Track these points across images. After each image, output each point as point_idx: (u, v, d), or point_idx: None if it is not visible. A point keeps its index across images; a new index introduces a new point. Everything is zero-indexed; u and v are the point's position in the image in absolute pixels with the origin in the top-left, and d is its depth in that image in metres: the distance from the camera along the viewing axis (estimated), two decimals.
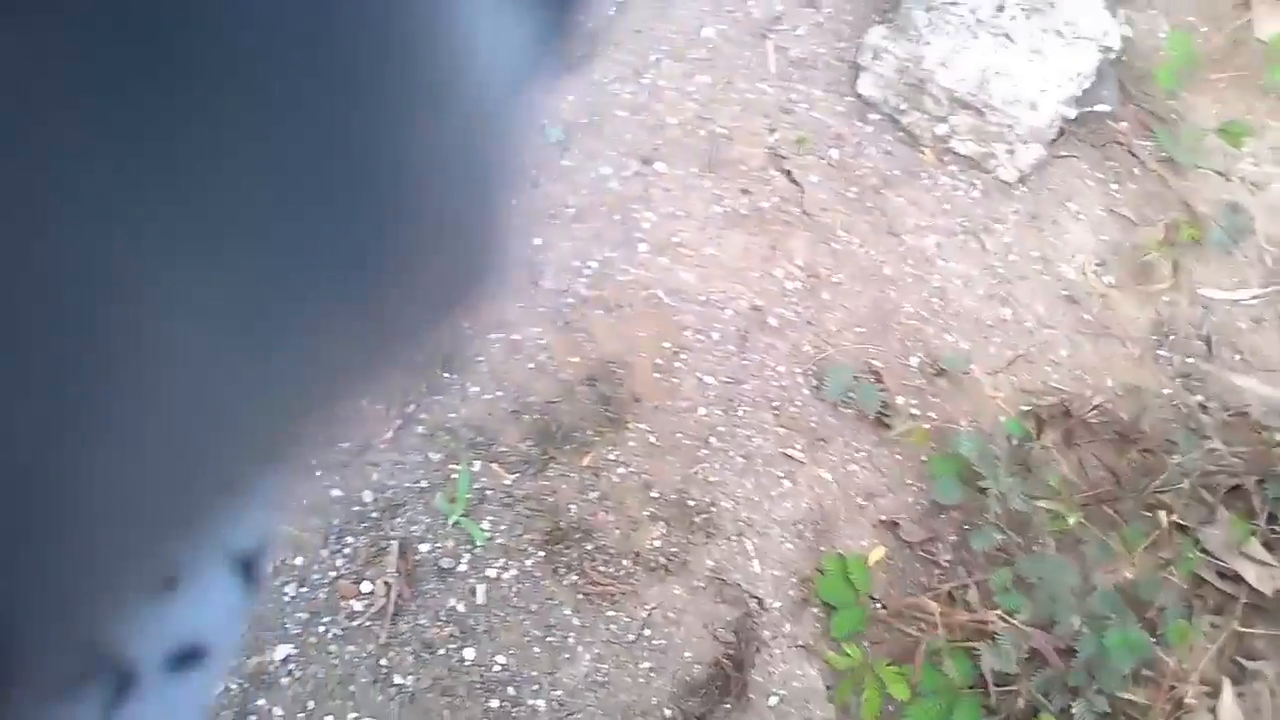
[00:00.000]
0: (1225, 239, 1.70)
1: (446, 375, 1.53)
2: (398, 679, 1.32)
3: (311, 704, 1.31)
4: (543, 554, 1.40)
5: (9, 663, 0.18)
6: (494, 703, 1.30)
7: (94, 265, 0.15)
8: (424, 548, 1.41)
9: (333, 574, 1.39)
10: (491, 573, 1.39)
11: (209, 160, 0.16)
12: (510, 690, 1.31)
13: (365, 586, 1.38)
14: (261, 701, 1.31)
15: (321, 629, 1.35)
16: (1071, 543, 1.39)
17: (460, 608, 1.37)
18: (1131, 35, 1.92)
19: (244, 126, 0.16)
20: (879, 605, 1.38)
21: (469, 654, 1.33)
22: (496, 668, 1.33)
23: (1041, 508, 1.37)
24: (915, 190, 1.76)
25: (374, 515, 1.43)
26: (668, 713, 1.30)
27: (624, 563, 1.40)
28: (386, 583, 1.38)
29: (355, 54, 0.17)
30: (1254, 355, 1.60)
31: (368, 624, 1.36)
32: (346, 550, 1.41)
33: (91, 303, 0.15)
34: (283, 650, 1.34)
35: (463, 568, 1.40)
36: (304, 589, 1.38)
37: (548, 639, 1.35)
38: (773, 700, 1.30)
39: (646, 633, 1.35)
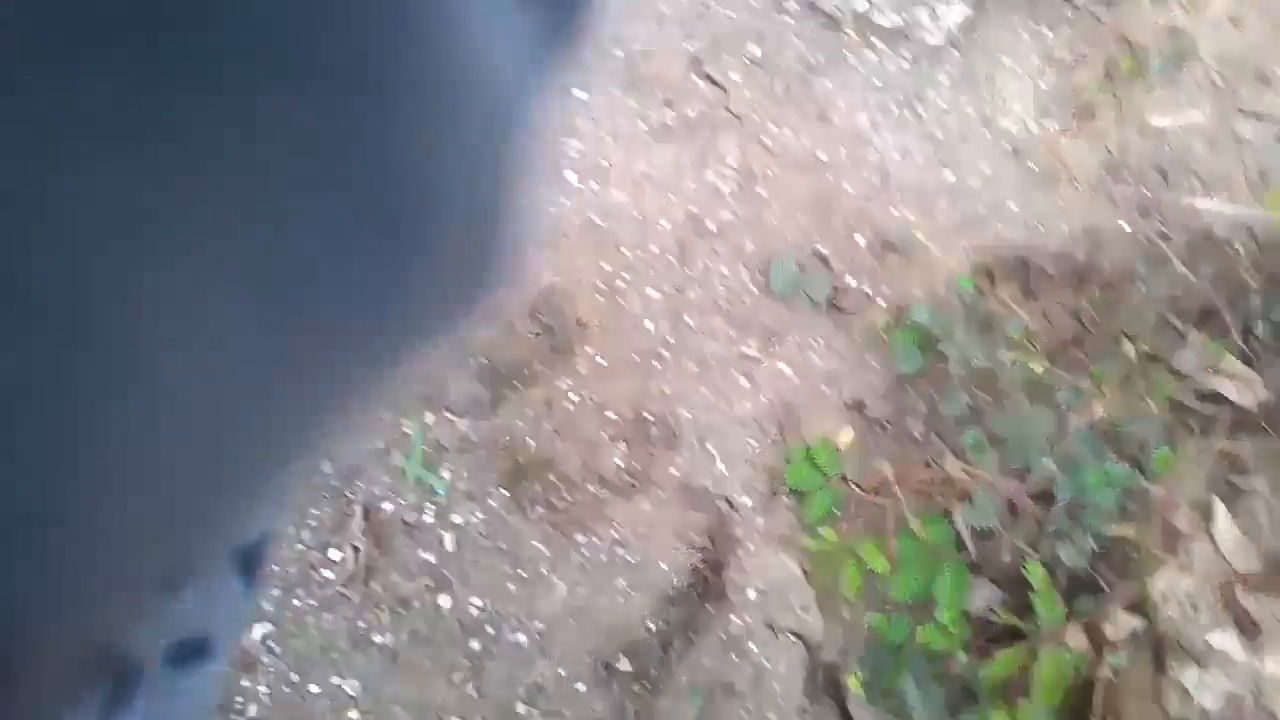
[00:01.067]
0: (1168, 66, 1.63)
1: None
2: (377, 638, 1.30)
3: (295, 676, 1.29)
4: (506, 493, 1.37)
5: (14, 660, 0.18)
6: (475, 644, 1.28)
7: (101, 266, 0.15)
8: (387, 506, 1.38)
9: (300, 547, 1.37)
10: (458, 519, 1.37)
11: (217, 162, 0.16)
12: (489, 629, 1.29)
13: (334, 554, 1.36)
14: (246, 682, 1.29)
15: (296, 603, 1.33)
16: (1043, 392, 1.34)
17: (431, 559, 1.34)
18: None
19: (244, 131, 0.16)
20: (855, 486, 1.34)
21: (444, 602, 1.31)
22: (473, 610, 1.30)
23: (1006, 361, 1.33)
24: (842, 72, 1.71)
25: (334, 483, 1.41)
26: (651, 626, 1.27)
27: (589, 488, 1.36)
28: (355, 547, 1.36)
29: (359, 56, 0.17)
30: (1211, 176, 1.54)
31: (341, 590, 1.33)
32: (311, 522, 1.39)
33: (101, 303, 0.15)
34: (260, 630, 1.32)
35: (428, 519, 1.37)
36: (274, 566, 1.36)
37: (521, 574, 1.32)
38: (752, 594, 1.26)
39: (620, 552, 1.32)
